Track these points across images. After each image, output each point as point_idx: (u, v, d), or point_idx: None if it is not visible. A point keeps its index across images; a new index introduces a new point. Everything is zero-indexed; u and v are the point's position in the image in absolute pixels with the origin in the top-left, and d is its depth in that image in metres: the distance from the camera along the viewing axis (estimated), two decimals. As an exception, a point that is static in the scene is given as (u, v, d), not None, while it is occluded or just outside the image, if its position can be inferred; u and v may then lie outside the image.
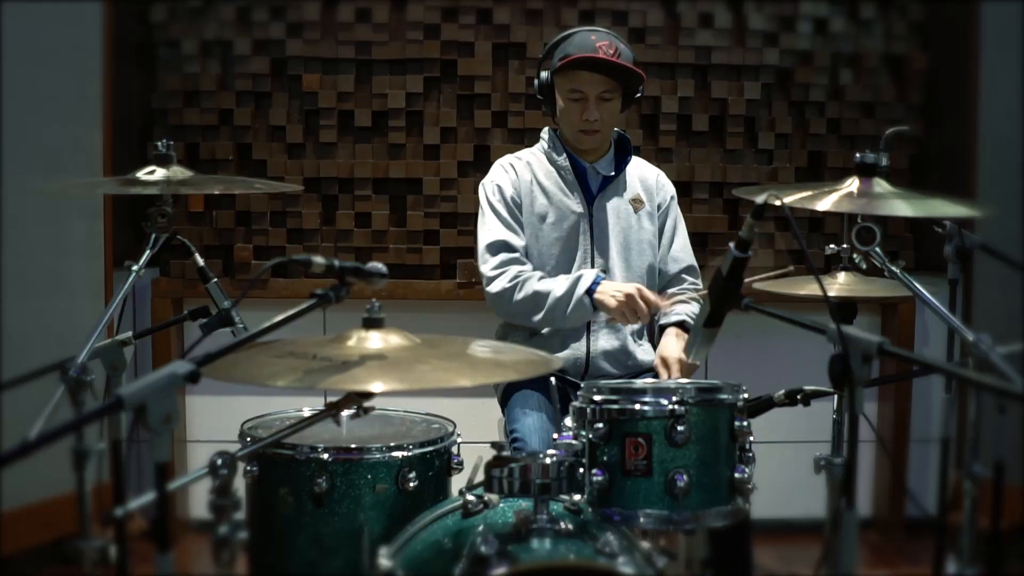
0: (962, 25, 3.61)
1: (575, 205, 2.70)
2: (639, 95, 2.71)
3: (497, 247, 2.67)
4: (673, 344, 2.60)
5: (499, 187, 2.72)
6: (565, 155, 2.73)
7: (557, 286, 2.59)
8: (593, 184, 2.73)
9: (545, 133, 2.80)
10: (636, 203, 2.74)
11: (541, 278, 2.63)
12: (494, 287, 2.63)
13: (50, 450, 1.29)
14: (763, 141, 3.64)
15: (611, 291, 2.53)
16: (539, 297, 2.59)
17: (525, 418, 2.54)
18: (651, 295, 2.52)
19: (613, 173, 2.73)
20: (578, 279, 2.58)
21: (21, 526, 2.98)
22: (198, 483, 1.63)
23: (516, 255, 2.67)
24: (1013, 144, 3.42)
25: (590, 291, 2.55)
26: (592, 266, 2.67)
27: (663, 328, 2.69)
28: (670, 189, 2.84)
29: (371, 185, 3.57)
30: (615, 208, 2.72)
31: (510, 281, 2.62)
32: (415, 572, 1.77)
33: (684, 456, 1.79)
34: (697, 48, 3.61)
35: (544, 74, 2.69)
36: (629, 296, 2.50)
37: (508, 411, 2.64)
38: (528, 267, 2.67)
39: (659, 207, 2.80)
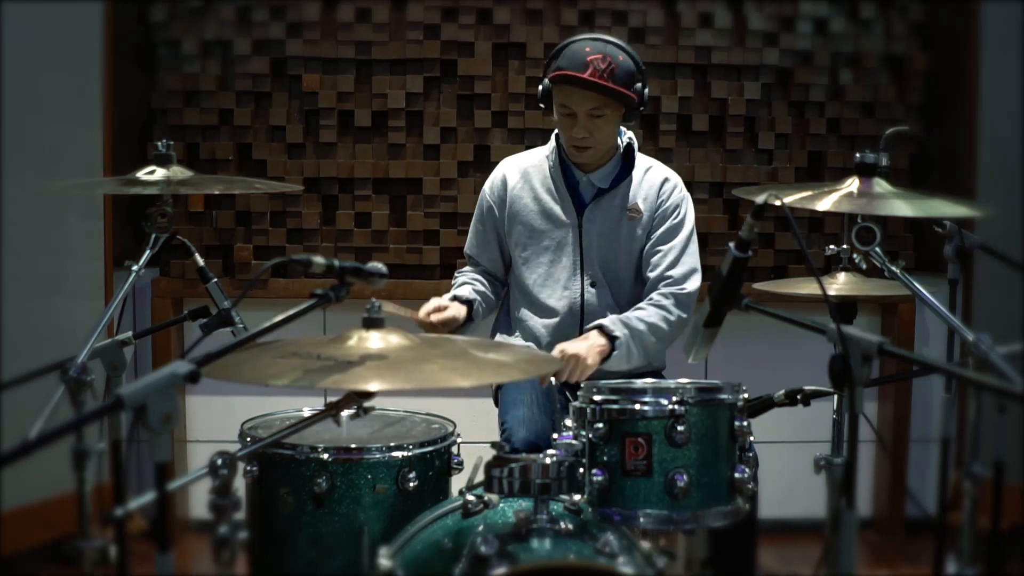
0: (962, 25, 3.61)
1: (564, 215, 2.64)
2: (643, 108, 2.58)
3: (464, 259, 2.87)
4: (575, 341, 2.47)
5: (484, 193, 2.76)
6: (558, 163, 2.65)
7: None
8: (586, 194, 2.65)
9: (553, 137, 2.71)
10: (632, 212, 2.63)
11: (460, 285, 2.74)
12: None
13: (50, 450, 1.29)
14: (763, 141, 3.64)
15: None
16: None
17: (515, 410, 2.50)
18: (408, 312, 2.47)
19: (607, 186, 2.63)
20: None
21: (21, 526, 2.98)
22: (198, 483, 1.63)
23: (470, 269, 2.82)
24: (1013, 144, 3.42)
25: None
26: (581, 277, 2.63)
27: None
28: (677, 198, 2.66)
29: (371, 185, 3.57)
30: (607, 219, 2.63)
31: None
32: (415, 572, 1.77)
33: (684, 456, 1.79)
34: (697, 48, 3.60)
35: (547, 81, 2.58)
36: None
37: (500, 402, 2.62)
38: (464, 271, 2.81)
39: (657, 216, 2.64)
